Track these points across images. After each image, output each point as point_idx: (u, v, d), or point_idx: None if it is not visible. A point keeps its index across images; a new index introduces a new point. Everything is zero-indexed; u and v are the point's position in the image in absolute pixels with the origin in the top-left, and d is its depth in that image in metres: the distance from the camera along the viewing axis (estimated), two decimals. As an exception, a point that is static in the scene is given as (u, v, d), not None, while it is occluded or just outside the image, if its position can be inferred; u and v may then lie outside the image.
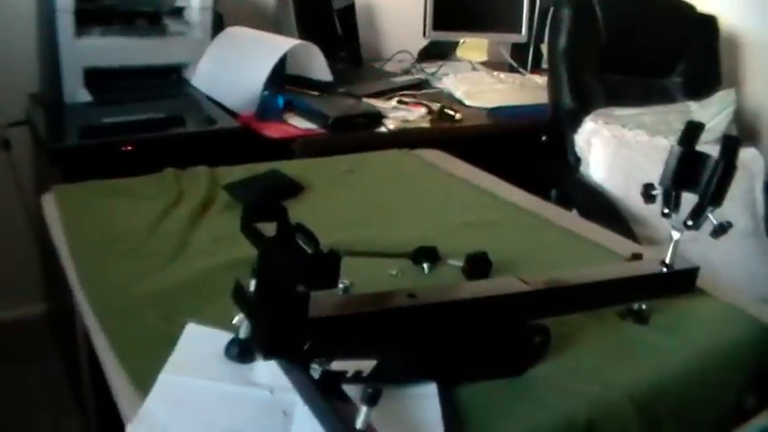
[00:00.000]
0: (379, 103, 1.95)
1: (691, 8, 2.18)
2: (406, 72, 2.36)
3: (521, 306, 0.79)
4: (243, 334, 0.77)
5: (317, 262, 0.61)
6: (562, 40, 2.01)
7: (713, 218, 0.92)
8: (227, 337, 0.79)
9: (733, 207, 0.81)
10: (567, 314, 0.86)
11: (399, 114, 1.89)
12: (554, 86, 2.03)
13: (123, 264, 1.00)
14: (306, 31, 2.06)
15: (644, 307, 0.94)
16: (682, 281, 0.98)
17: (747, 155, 1.90)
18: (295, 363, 0.67)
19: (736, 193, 1.59)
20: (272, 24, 2.15)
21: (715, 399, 0.88)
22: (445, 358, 0.76)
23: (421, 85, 2.25)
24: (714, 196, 0.91)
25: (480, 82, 2.25)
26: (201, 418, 0.70)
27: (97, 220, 1.12)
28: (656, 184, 0.95)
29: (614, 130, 1.87)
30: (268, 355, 0.68)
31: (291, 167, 1.39)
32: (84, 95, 1.70)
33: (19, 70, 1.87)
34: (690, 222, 0.93)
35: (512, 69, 2.55)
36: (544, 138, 2.08)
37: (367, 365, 0.67)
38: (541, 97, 2.10)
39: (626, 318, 0.93)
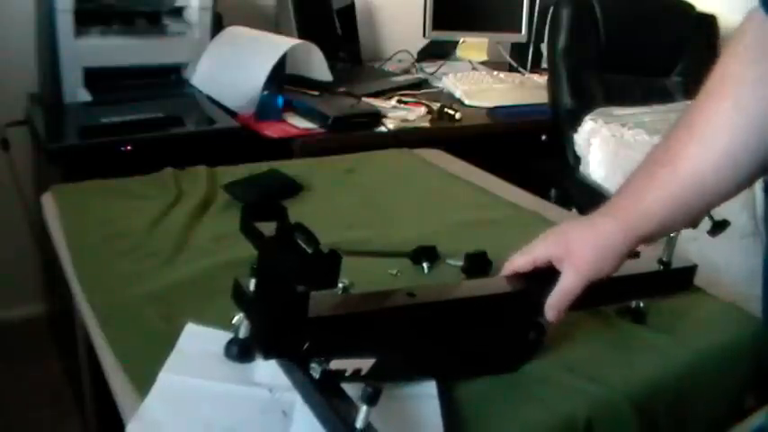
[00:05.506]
0: (378, 103, 1.95)
1: (690, 7, 2.18)
2: (406, 72, 2.37)
3: (520, 305, 0.79)
4: (242, 334, 0.77)
5: (316, 261, 0.61)
6: (562, 40, 2.01)
7: (711, 215, 0.92)
8: (226, 336, 0.79)
9: (732, 205, 0.80)
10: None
11: (399, 114, 1.89)
12: (554, 86, 2.03)
13: (123, 263, 1.00)
14: (305, 31, 2.06)
15: (641, 305, 0.94)
16: (679, 279, 0.98)
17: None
18: (295, 362, 0.67)
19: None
20: (272, 24, 2.16)
21: (713, 397, 0.88)
22: (441, 354, 0.76)
23: (421, 84, 2.25)
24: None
25: (480, 81, 2.25)
26: (201, 417, 0.70)
27: (97, 220, 1.12)
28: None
29: (614, 130, 1.87)
30: (268, 354, 0.68)
31: (291, 167, 1.39)
32: (84, 95, 1.70)
33: (18, 70, 1.87)
34: (688, 221, 0.93)
35: (511, 69, 2.55)
36: (544, 137, 2.08)
37: (366, 364, 0.67)
38: (541, 97, 2.10)
39: (623, 316, 0.93)
